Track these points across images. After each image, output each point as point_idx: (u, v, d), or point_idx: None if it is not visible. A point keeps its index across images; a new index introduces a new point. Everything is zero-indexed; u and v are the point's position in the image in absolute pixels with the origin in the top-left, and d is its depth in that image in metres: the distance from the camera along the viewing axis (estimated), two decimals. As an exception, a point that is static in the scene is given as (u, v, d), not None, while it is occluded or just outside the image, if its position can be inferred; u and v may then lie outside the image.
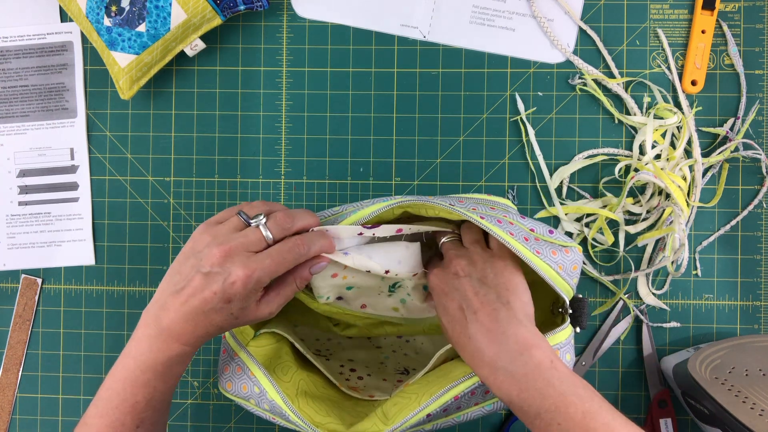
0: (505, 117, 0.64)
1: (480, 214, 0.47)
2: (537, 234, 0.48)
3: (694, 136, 0.61)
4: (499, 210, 0.50)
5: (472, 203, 0.51)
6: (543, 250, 0.46)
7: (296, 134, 0.65)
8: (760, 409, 0.51)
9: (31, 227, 0.66)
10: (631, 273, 0.62)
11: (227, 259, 0.42)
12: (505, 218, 0.48)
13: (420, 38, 0.64)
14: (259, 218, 0.45)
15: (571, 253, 0.47)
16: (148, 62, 0.61)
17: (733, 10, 0.63)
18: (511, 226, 0.47)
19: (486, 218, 0.46)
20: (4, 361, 0.66)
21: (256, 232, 0.44)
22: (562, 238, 0.48)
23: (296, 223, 0.46)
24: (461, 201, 0.50)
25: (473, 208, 0.49)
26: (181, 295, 0.43)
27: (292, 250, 0.44)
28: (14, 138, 0.66)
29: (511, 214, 0.49)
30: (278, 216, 0.45)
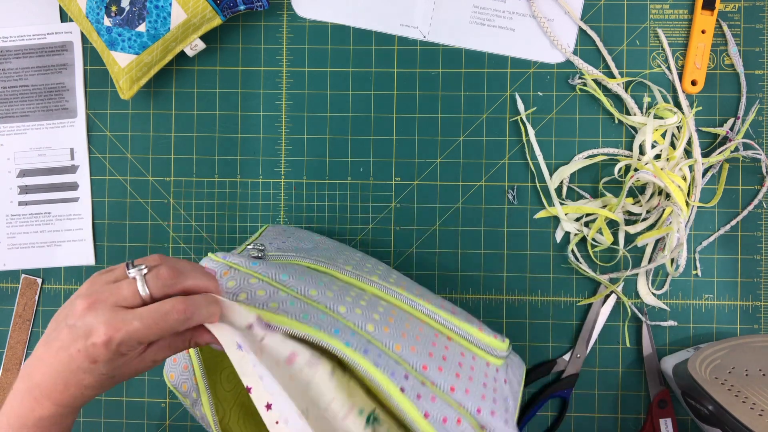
0: (505, 117, 0.64)
1: (425, 410, 0.41)
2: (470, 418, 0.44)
3: (694, 136, 0.61)
4: (463, 377, 0.45)
5: (435, 367, 0.44)
6: None
7: (296, 134, 0.65)
8: (760, 409, 0.51)
9: (31, 227, 0.66)
10: (625, 271, 0.62)
11: (90, 313, 0.36)
12: (458, 408, 0.43)
13: (420, 38, 0.64)
14: (140, 268, 0.38)
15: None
16: (148, 62, 0.61)
17: (733, 10, 0.63)
18: (458, 426, 0.42)
19: (431, 417, 0.41)
20: (4, 361, 0.66)
21: (131, 285, 0.37)
22: None
23: (184, 280, 0.38)
24: (427, 360, 0.44)
25: (432, 382, 0.43)
26: (51, 347, 0.37)
27: (167, 315, 0.36)
28: (14, 138, 0.66)
29: (471, 390, 0.45)
30: (162, 269, 0.38)
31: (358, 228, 0.64)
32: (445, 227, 0.64)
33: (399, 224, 0.64)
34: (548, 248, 0.63)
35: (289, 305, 0.42)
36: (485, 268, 0.64)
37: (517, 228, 0.63)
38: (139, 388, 0.65)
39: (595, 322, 0.62)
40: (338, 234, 0.64)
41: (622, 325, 0.63)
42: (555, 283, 0.63)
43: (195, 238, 0.65)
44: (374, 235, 0.64)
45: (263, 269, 0.44)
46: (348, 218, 0.64)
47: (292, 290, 0.44)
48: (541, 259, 0.63)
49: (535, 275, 0.63)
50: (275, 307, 0.42)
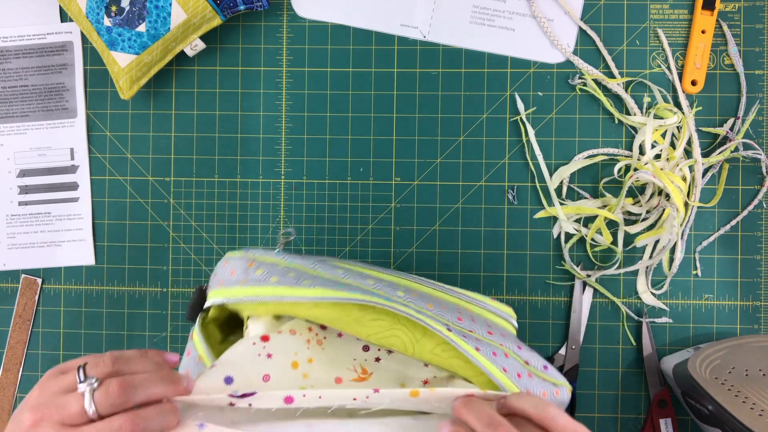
0: (505, 117, 0.64)
1: (475, 344, 0.41)
2: (531, 368, 0.44)
3: (694, 136, 0.61)
4: (496, 334, 0.46)
5: (468, 320, 0.45)
6: (534, 389, 0.43)
7: (296, 134, 0.65)
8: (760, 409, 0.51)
9: (31, 227, 0.66)
10: (599, 270, 0.62)
11: (34, 430, 0.34)
12: (501, 347, 0.44)
13: (420, 38, 0.64)
14: (90, 381, 0.35)
15: (561, 395, 0.44)
16: (148, 62, 0.61)
17: (733, 10, 0.63)
18: (506, 359, 0.43)
19: (481, 350, 0.41)
20: (4, 361, 0.66)
21: (78, 401, 0.35)
22: (555, 375, 0.45)
23: (135, 396, 0.35)
24: (460, 318, 0.45)
25: (470, 330, 0.44)
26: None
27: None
28: (14, 138, 0.66)
29: (507, 339, 0.45)
30: (112, 385, 0.35)
31: (358, 228, 0.64)
32: (445, 227, 0.64)
33: (399, 224, 0.64)
34: (548, 248, 0.63)
35: (321, 281, 0.42)
36: (485, 268, 0.64)
37: (517, 228, 0.63)
38: None
39: (580, 312, 0.62)
40: (338, 234, 0.64)
41: (622, 325, 0.63)
42: (555, 284, 0.63)
43: (195, 238, 0.65)
44: (374, 235, 0.64)
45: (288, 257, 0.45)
46: (348, 218, 0.64)
47: (319, 272, 0.44)
48: (541, 259, 0.63)
49: (535, 275, 0.63)
50: (308, 283, 0.42)
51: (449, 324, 0.43)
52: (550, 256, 0.63)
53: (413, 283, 0.50)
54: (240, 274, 0.44)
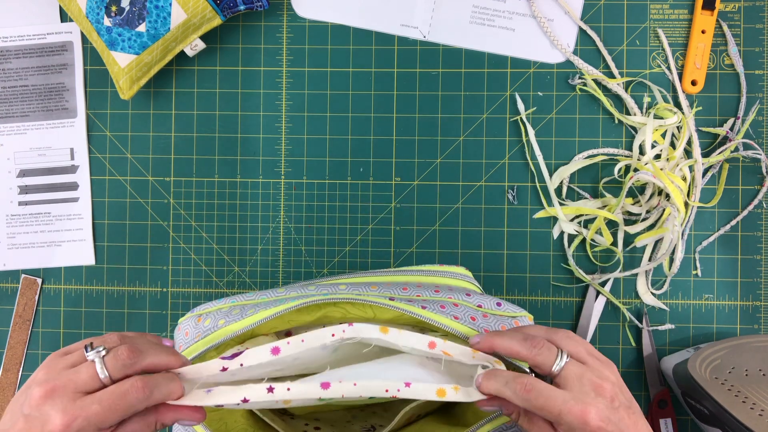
0: (505, 117, 0.64)
1: (421, 304, 0.44)
2: (485, 309, 0.47)
3: (694, 136, 0.61)
4: (443, 290, 0.48)
5: (414, 288, 0.48)
6: (492, 327, 0.45)
7: (296, 134, 0.65)
8: (760, 409, 0.51)
9: (31, 227, 0.66)
10: (608, 273, 0.62)
11: (47, 401, 0.35)
12: (449, 300, 0.46)
13: (420, 38, 0.64)
14: (98, 350, 0.37)
15: (521, 324, 0.46)
16: (148, 62, 0.61)
17: (733, 10, 0.63)
18: (456, 308, 0.45)
19: (428, 307, 0.44)
20: (4, 361, 0.66)
21: (89, 369, 0.36)
22: (510, 309, 0.47)
23: (143, 359, 0.37)
24: (405, 288, 0.48)
25: (417, 295, 0.47)
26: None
27: (126, 395, 0.36)
28: (14, 138, 0.66)
29: (455, 292, 0.48)
30: (120, 349, 0.37)
31: (358, 228, 0.64)
32: (445, 227, 0.64)
33: (399, 224, 0.64)
34: (548, 248, 0.63)
35: (263, 305, 0.45)
36: (485, 268, 0.64)
37: (517, 228, 0.63)
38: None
39: (590, 318, 0.62)
40: (338, 234, 0.64)
41: (622, 325, 0.63)
42: (555, 283, 0.63)
43: (195, 238, 0.65)
44: (374, 235, 0.64)
45: (229, 299, 0.49)
46: (348, 218, 0.64)
47: (261, 298, 0.48)
48: (541, 259, 0.63)
49: (535, 275, 0.63)
50: (252, 312, 0.45)
51: (393, 296, 0.46)
52: (550, 256, 0.63)
53: (359, 278, 0.53)
54: (192, 332, 0.46)
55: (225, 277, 0.65)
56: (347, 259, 0.64)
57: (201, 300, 0.65)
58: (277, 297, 0.47)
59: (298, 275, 0.65)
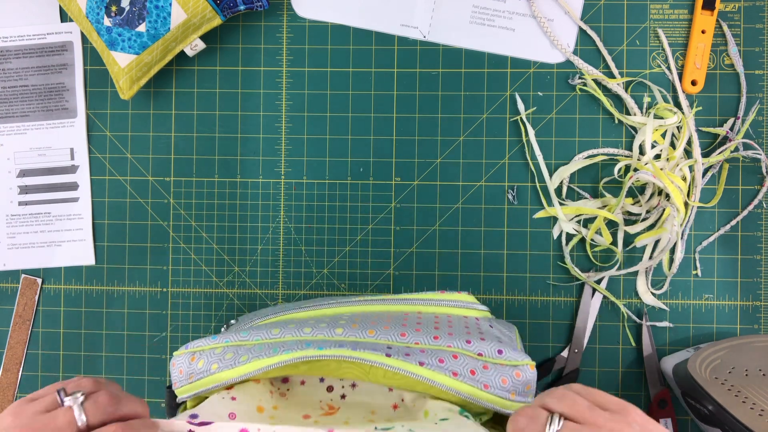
0: (505, 117, 0.64)
1: (419, 359, 0.43)
2: (485, 359, 0.45)
3: (694, 136, 0.61)
4: (442, 331, 0.47)
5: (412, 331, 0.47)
6: (492, 381, 0.44)
7: (296, 134, 0.65)
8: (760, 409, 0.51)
9: (31, 227, 0.66)
10: (603, 272, 0.62)
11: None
12: (448, 349, 0.45)
13: (420, 38, 0.64)
14: (76, 396, 0.36)
15: (522, 375, 0.45)
16: (148, 62, 0.61)
17: (733, 10, 0.63)
18: (455, 360, 0.44)
19: (426, 363, 0.43)
20: (4, 361, 0.66)
21: (68, 414, 0.35)
22: (512, 356, 0.46)
23: (123, 406, 0.37)
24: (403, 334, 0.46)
25: (416, 342, 0.45)
26: None
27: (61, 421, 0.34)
28: (14, 138, 0.66)
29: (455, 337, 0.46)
30: (100, 395, 0.36)
31: (358, 228, 0.64)
32: (445, 227, 0.64)
33: (399, 224, 0.64)
34: (548, 248, 0.63)
35: (257, 350, 0.45)
36: (485, 268, 0.64)
37: (517, 228, 0.63)
38: None
39: (588, 315, 0.62)
40: (338, 234, 0.64)
41: (622, 325, 0.63)
42: (554, 283, 0.63)
43: (195, 238, 0.65)
44: (374, 235, 0.64)
45: (224, 337, 0.48)
46: (348, 218, 0.64)
47: (255, 340, 0.47)
48: (541, 259, 0.63)
49: (535, 275, 0.63)
50: (245, 359, 0.44)
51: (391, 344, 0.45)
52: (550, 256, 0.63)
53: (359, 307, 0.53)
54: (186, 371, 0.47)
55: (225, 277, 0.65)
56: (347, 259, 0.64)
57: (201, 300, 0.65)
58: (273, 340, 0.47)
59: (298, 275, 0.65)
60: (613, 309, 0.63)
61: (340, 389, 0.47)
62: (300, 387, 0.48)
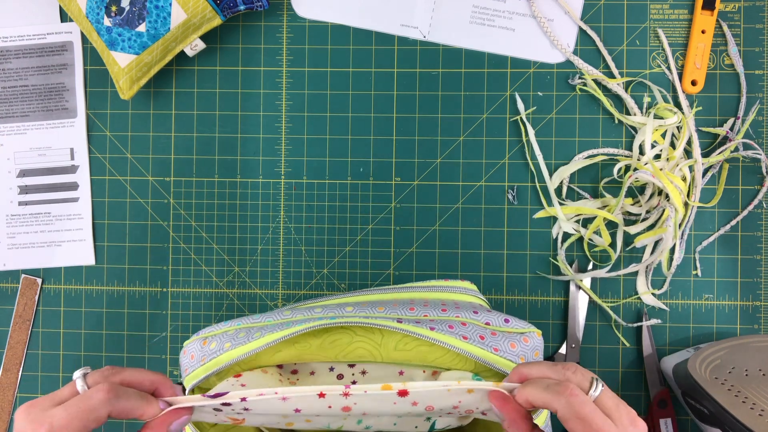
0: (505, 117, 0.64)
1: (429, 325, 0.44)
2: (493, 327, 0.46)
3: (694, 136, 0.61)
4: (450, 307, 0.48)
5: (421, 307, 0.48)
6: (501, 346, 0.45)
7: (296, 134, 0.65)
8: (760, 409, 0.51)
9: (31, 227, 0.66)
10: (603, 270, 0.62)
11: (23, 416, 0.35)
12: (456, 319, 0.46)
13: (420, 38, 0.64)
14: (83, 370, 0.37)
15: (530, 341, 0.46)
16: (148, 62, 0.61)
17: (733, 10, 0.63)
18: (464, 327, 0.45)
19: (436, 328, 0.44)
20: (4, 361, 0.66)
21: (71, 386, 0.36)
22: (519, 325, 0.47)
23: (122, 374, 0.37)
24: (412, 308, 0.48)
25: (425, 315, 0.47)
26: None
27: (89, 398, 0.35)
28: (14, 138, 0.66)
29: (462, 310, 0.48)
30: (104, 368, 0.38)
31: (358, 228, 0.64)
32: (445, 227, 0.64)
33: (399, 224, 0.64)
34: (548, 248, 0.63)
35: (270, 327, 0.45)
36: (485, 268, 0.64)
37: (517, 228, 0.64)
38: None
39: (577, 311, 0.63)
40: (338, 234, 0.64)
41: (613, 324, 0.63)
42: (555, 283, 0.63)
43: (195, 238, 0.65)
44: (374, 235, 0.64)
45: (235, 321, 0.48)
46: (348, 218, 0.64)
47: (267, 321, 0.47)
48: (541, 259, 0.63)
49: (534, 275, 0.63)
50: (259, 335, 0.44)
51: (401, 317, 0.46)
52: (549, 256, 0.63)
53: (364, 296, 0.53)
54: (198, 355, 0.46)
55: (225, 277, 0.65)
56: (347, 259, 0.64)
57: (201, 300, 0.65)
58: (284, 320, 0.47)
59: (298, 275, 0.65)
60: (613, 309, 0.63)
61: (350, 377, 0.47)
62: (309, 377, 0.48)
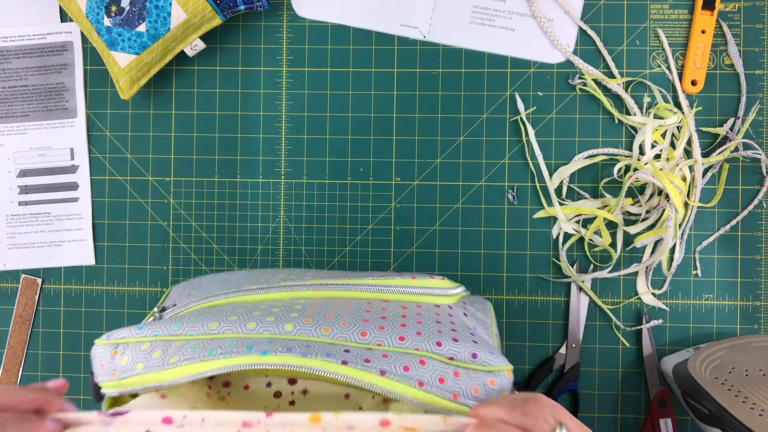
0: (505, 117, 0.64)
1: (380, 367, 0.38)
2: (457, 363, 0.40)
3: (694, 136, 0.61)
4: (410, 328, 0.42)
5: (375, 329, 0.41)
6: (462, 390, 0.39)
7: (296, 134, 0.65)
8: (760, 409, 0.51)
9: (31, 227, 0.66)
10: (605, 271, 0.62)
11: None
12: (416, 353, 0.40)
13: (420, 38, 0.64)
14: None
15: (497, 383, 0.40)
16: (148, 62, 0.61)
17: (733, 10, 0.63)
18: (422, 367, 0.39)
19: (388, 371, 0.38)
20: (4, 361, 0.66)
21: None
22: (488, 360, 0.41)
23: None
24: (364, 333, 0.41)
25: (378, 343, 0.40)
26: None
27: None
28: (14, 138, 0.66)
29: (424, 337, 0.41)
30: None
31: (358, 228, 0.64)
32: (445, 227, 0.64)
33: (399, 224, 0.64)
34: (548, 248, 0.63)
35: (189, 350, 0.40)
36: (485, 268, 0.64)
37: (517, 228, 0.64)
38: None
39: (579, 311, 0.63)
40: (338, 234, 0.64)
41: (612, 325, 0.63)
42: (555, 283, 0.63)
43: (195, 238, 0.65)
44: (374, 235, 0.64)
45: (152, 330, 0.42)
46: (348, 218, 0.64)
47: (189, 335, 0.41)
48: (541, 259, 0.63)
49: (535, 275, 0.63)
50: (175, 360, 0.39)
51: (349, 346, 0.40)
52: (549, 256, 0.63)
53: (318, 291, 0.47)
54: (108, 366, 0.42)
55: (225, 277, 0.65)
56: (347, 259, 0.64)
57: (201, 300, 0.65)
58: (209, 336, 0.41)
59: (298, 275, 0.65)
60: (613, 310, 0.63)
61: (289, 395, 0.43)
62: (243, 392, 0.43)
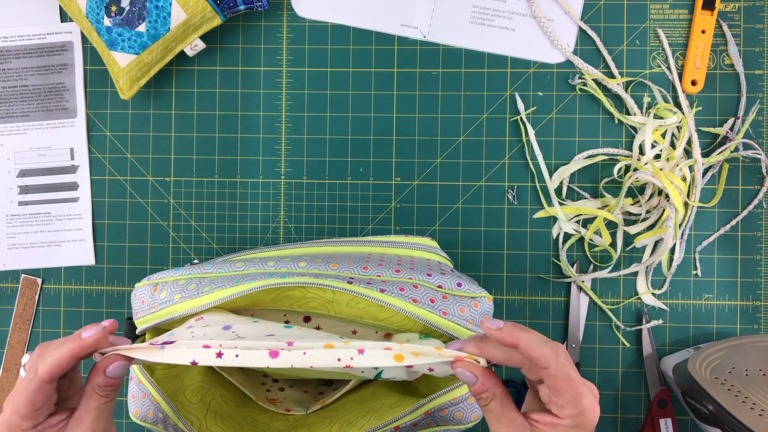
0: (505, 117, 0.64)
1: (380, 287, 0.45)
2: (444, 290, 0.47)
3: (694, 136, 0.61)
4: (404, 267, 0.49)
5: (375, 266, 0.48)
6: (450, 309, 0.46)
7: (296, 134, 0.65)
8: (760, 409, 0.51)
9: (31, 227, 0.66)
10: (605, 270, 0.62)
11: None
12: (409, 281, 0.47)
13: (420, 38, 0.64)
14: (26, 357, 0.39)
15: (480, 306, 0.47)
16: (148, 62, 0.61)
17: (733, 10, 0.63)
18: (415, 290, 0.46)
19: (387, 290, 0.45)
20: (4, 361, 0.66)
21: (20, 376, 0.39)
22: (471, 289, 0.48)
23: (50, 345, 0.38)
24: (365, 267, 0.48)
25: (377, 275, 0.47)
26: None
27: (18, 380, 0.37)
28: (14, 138, 0.66)
29: (416, 271, 0.48)
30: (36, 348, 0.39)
31: (358, 228, 0.64)
32: (445, 227, 0.64)
33: (399, 224, 0.64)
34: (548, 248, 0.63)
35: (220, 281, 0.46)
36: (485, 268, 0.64)
37: (517, 228, 0.64)
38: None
39: (579, 311, 0.63)
40: (338, 234, 0.64)
41: (613, 325, 0.63)
42: (555, 283, 0.63)
43: (195, 238, 0.65)
44: (374, 235, 0.64)
45: (186, 270, 0.49)
46: (348, 218, 0.64)
47: (218, 272, 0.48)
48: (541, 259, 0.63)
49: (534, 275, 0.63)
50: (208, 289, 0.45)
51: (353, 276, 0.47)
52: (549, 256, 0.63)
53: (321, 248, 0.54)
54: (148, 301, 0.47)
55: (225, 277, 0.65)
56: (347, 259, 0.64)
57: (201, 300, 0.65)
58: (236, 272, 0.48)
59: (298, 275, 0.65)
60: (613, 310, 0.63)
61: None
62: (267, 313, 0.49)
